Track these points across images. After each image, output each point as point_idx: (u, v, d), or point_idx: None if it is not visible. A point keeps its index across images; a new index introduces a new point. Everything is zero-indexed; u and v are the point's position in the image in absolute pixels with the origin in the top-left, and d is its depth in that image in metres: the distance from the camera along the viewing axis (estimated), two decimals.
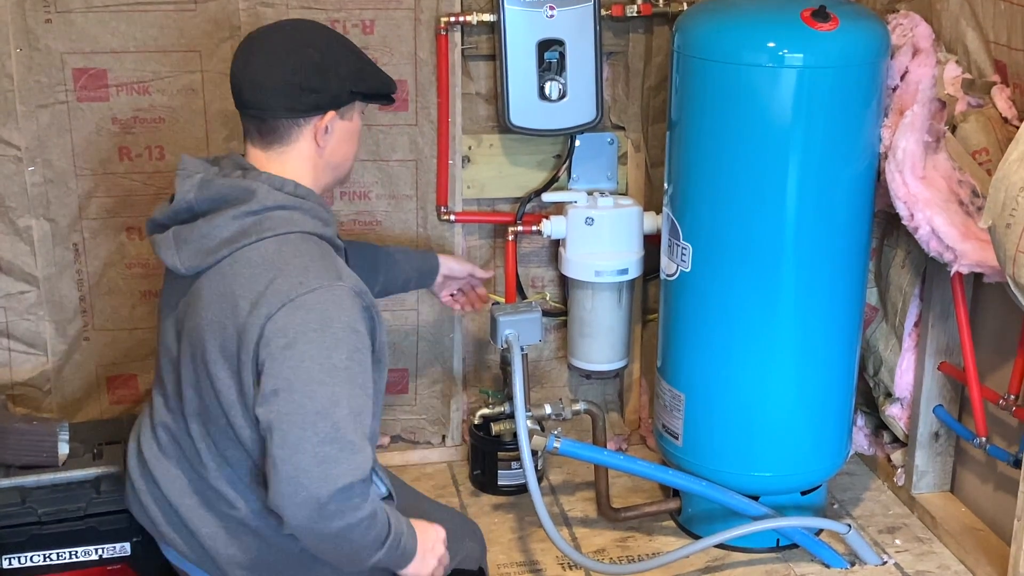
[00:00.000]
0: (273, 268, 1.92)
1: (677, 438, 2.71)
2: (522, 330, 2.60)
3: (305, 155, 2.05)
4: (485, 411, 2.74)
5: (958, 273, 2.48)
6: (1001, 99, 2.42)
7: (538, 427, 2.68)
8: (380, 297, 2.54)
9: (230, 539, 2.06)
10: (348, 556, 1.96)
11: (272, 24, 2.19)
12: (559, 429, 2.66)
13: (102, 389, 2.90)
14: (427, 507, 2.35)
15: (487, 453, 2.95)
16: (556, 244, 3.01)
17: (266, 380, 1.88)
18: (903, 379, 2.85)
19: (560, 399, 2.77)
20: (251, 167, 2.06)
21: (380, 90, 2.13)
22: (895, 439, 2.96)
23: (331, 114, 2.04)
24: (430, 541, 2.11)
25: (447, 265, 2.70)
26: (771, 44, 2.39)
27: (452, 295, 2.79)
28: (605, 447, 2.79)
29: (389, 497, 2.17)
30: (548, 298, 2.99)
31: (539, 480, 2.92)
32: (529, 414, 2.61)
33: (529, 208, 2.98)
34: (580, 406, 2.74)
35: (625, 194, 3.01)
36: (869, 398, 2.99)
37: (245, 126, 2.08)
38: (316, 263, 1.94)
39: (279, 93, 2.00)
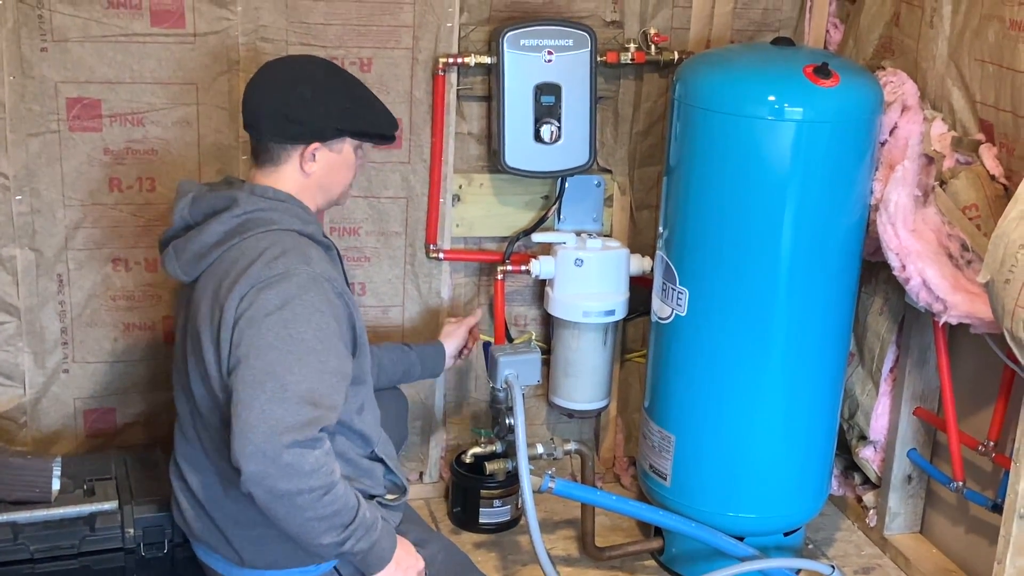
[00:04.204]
0: (250, 258, 2.10)
1: (665, 479, 2.75)
2: (521, 371, 2.62)
3: (292, 177, 2.22)
4: (477, 450, 2.74)
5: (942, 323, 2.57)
6: (989, 158, 2.52)
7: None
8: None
9: (240, 510, 2.16)
10: (301, 527, 2.04)
11: (287, 56, 2.49)
12: (553, 469, 2.68)
13: (79, 422, 2.84)
14: (441, 544, 2.39)
15: (469, 490, 2.95)
16: (540, 283, 3.04)
17: (233, 352, 2.07)
18: (878, 423, 2.93)
19: (552, 439, 2.79)
20: (237, 181, 2.28)
21: (369, 130, 2.27)
22: (866, 480, 3.04)
23: (315, 144, 2.20)
24: (409, 560, 2.20)
25: (451, 344, 2.78)
26: (771, 97, 2.46)
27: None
28: (595, 486, 2.81)
29: (404, 492, 2.35)
30: (534, 338, 3.01)
31: (519, 520, 2.95)
32: None
33: (515, 248, 3.01)
34: (571, 446, 2.76)
35: (610, 236, 3.05)
36: (840, 440, 3.06)
37: (250, 144, 2.28)
38: (288, 252, 2.11)
39: (270, 120, 2.20)
